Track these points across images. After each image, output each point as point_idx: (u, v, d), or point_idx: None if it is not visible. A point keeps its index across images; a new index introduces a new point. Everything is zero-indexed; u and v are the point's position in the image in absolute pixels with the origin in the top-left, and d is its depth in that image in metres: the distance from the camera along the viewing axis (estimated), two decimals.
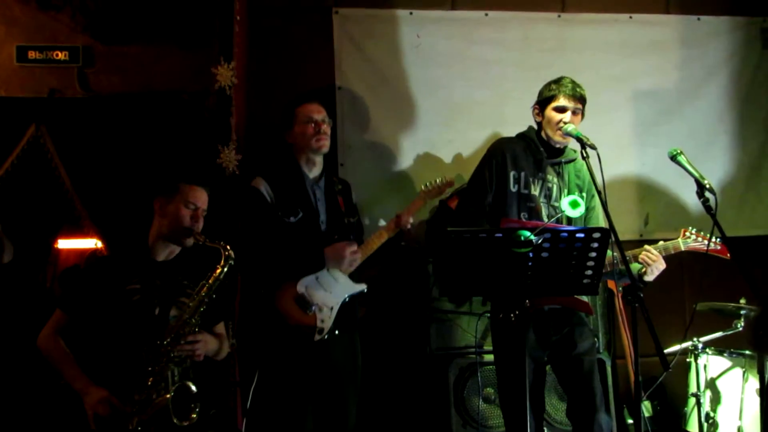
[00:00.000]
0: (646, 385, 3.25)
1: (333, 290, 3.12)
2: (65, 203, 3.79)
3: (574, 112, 3.05)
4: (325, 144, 3.24)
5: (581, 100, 3.07)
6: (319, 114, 3.25)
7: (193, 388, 2.60)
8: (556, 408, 3.63)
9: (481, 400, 3.58)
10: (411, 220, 3.34)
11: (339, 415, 3.15)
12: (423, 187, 3.46)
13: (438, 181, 3.47)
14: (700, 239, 3.17)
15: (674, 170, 2.94)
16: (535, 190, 3.08)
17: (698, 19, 4.34)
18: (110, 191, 3.74)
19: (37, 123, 3.75)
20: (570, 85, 3.06)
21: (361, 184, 3.59)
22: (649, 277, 3.00)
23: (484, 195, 3.08)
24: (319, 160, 3.28)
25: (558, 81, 3.09)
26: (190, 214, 2.78)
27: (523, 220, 3.03)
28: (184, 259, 2.86)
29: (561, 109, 3.05)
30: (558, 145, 3.12)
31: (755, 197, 4.37)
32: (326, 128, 3.24)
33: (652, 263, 2.98)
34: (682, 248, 3.14)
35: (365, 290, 3.20)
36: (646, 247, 3.05)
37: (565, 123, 3.01)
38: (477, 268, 2.50)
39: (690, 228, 3.20)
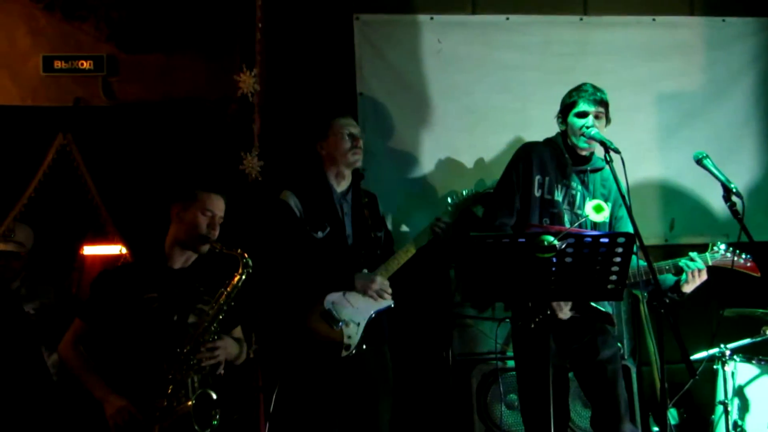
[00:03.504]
0: (673, 393, 3.22)
1: (360, 306, 3.12)
2: (90, 210, 3.84)
3: (596, 117, 3.02)
4: (360, 158, 3.27)
5: (603, 103, 3.04)
6: (356, 128, 3.29)
7: (214, 395, 2.61)
8: (580, 416, 3.59)
9: (504, 406, 3.55)
10: (444, 226, 3.28)
11: (372, 424, 3.13)
12: (449, 200, 3.41)
13: (465, 192, 3.42)
14: (728, 255, 3.02)
15: (699, 174, 2.90)
16: (559, 196, 3.05)
17: (723, 20, 4.29)
18: (134, 198, 3.78)
19: (64, 131, 3.80)
20: (590, 89, 3.04)
21: (383, 190, 3.59)
22: (688, 288, 2.93)
23: (512, 198, 3.07)
24: (348, 173, 3.29)
25: (578, 88, 3.07)
26: (206, 221, 2.79)
27: (545, 225, 3.01)
28: (201, 266, 2.87)
29: (582, 114, 3.02)
30: (584, 153, 3.09)
31: None
32: (361, 143, 3.26)
33: (694, 268, 2.91)
34: (710, 263, 3.00)
35: (392, 305, 3.19)
36: (691, 254, 2.98)
37: (588, 127, 2.99)
38: (500, 273, 2.49)
39: (718, 243, 3.07)
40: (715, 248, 3.06)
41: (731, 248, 3.04)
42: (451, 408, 3.75)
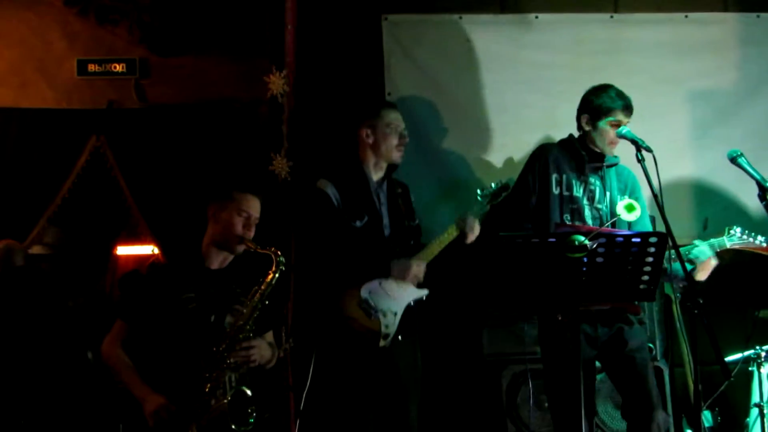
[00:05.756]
0: (707, 394, 3.17)
1: (397, 295, 3.10)
2: (123, 211, 3.90)
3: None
4: (401, 156, 3.28)
5: (632, 110, 3.08)
6: (403, 125, 3.28)
7: (249, 393, 2.63)
8: (612, 417, 3.56)
9: (534, 407, 3.53)
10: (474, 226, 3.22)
11: (401, 422, 3.13)
12: (479, 191, 3.37)
13: (493, 186, 3.38)
14: (745, 237, 3.04)
15: (733, 172, 2.86)
16: (578, 192, 3.10)
17: (758, 16, 4.20)
18: (166, 199, 3.83)
19: (97, 134, 3.87)
20: (625, 98, 3.06)
21: (413, 190, 3.58)
22: (701, 276, 2.93)
23: (527, 198, 3.13)
24: (385, 165, 3.29)
25: (609, 94, 3.08)
26: (242, 222, 2.81)
27: (566, 222, 3.03)
28: (237, 267, 2.89)
29: (617, 125, 3.04)
30: (599, 150, 3.12)
31: None
32: (406, 141, 3.27)
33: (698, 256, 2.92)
34: (727, 245, 3.01)
35: (426, 296, 3.18)
36: (695, 242, 2.99)
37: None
38: (529, 273, 2.48)
39: (734, 227, 3.07)
40: (732, 231, 3.06)
41: (746, 231, 3.05)
42: (481, 408, 3.74)
